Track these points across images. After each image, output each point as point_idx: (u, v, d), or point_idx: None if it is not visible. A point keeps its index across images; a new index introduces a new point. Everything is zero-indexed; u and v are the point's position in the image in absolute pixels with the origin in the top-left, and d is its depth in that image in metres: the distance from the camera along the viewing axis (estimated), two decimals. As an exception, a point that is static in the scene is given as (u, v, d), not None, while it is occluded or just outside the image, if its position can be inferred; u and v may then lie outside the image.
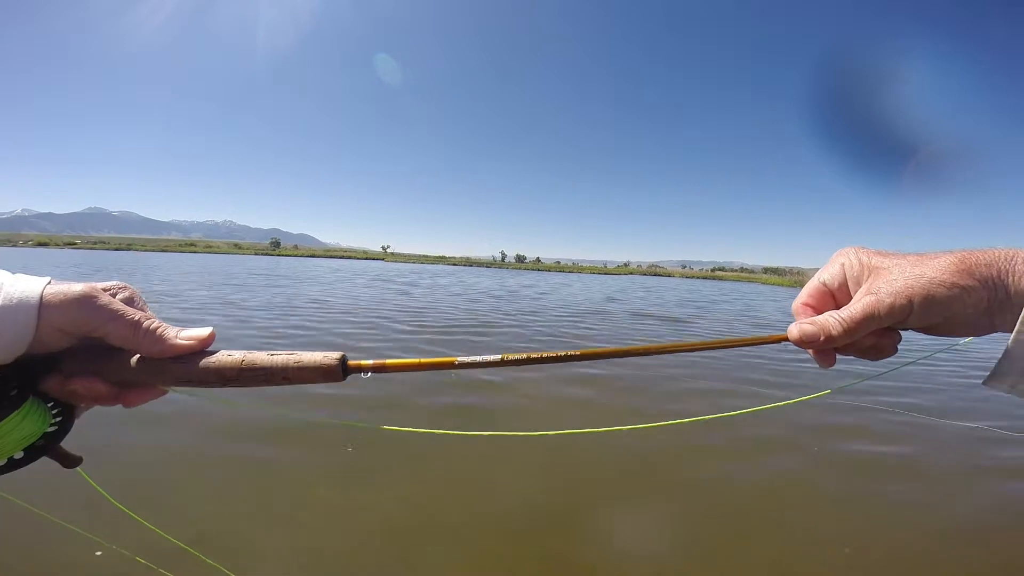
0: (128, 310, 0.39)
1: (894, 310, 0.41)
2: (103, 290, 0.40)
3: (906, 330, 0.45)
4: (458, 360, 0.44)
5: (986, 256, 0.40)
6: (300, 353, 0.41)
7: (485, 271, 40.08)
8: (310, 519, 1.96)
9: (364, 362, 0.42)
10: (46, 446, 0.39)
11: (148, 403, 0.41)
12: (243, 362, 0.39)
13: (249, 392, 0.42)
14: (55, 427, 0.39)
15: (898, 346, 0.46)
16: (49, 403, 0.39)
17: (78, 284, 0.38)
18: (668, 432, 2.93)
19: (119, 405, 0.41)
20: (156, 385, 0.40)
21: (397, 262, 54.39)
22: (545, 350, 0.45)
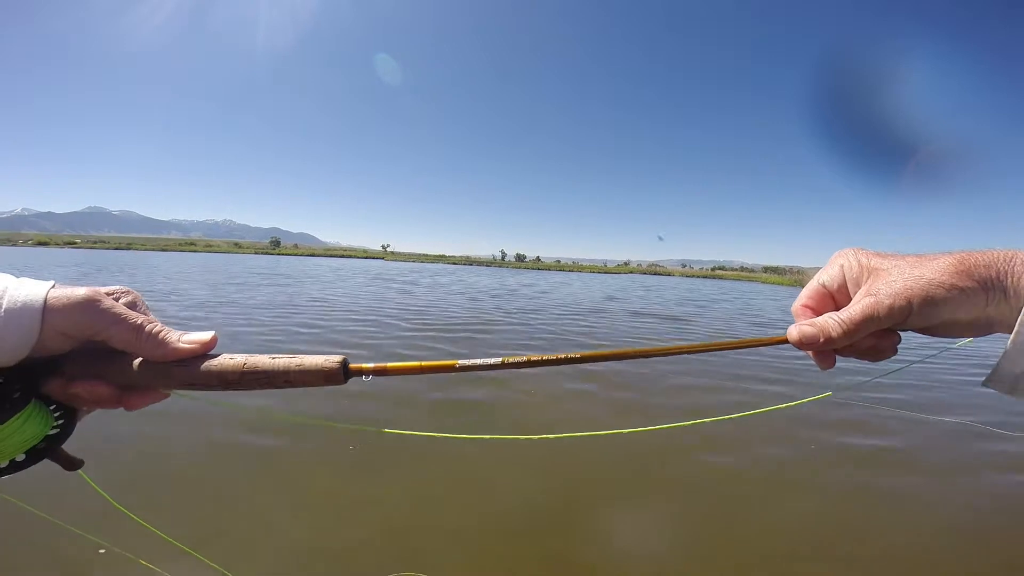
0: (131, 314, 0.39)
1: (893, 311, 0.42)
2: (106, 294, 0.40)
3: (905, 331, 0.45)
4: (459, 363, 0.44)
5: (985, 257, 0.40)
6: (302, 356, 0.41)
7: (485, 270, 40.06)
8: (310, 520, 1.97)
9: (365, 365, 0.42)
10: (48, 448, 0.39)
11: (150, 405, 0.42)
12: (245, 365, 0.39)
13: (251, 392, 0.42)
14: (57, 430, 0.39)
15: (897, 347, 0.46)
16: (51, 406, 0.39)
17: (81, 288, 0.38)
18: (668, 434, 2.93)
19: (121, 408, 0.41)
20: (158, 388, 0.40)
21: (397, 261, 54.37)
22: (545, 352, 0.45)
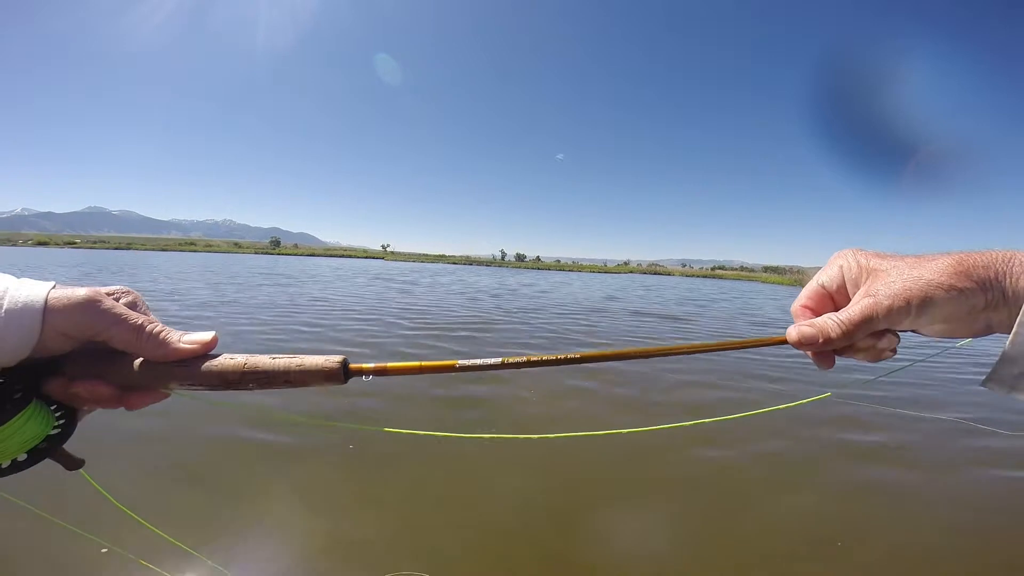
0: (131, 314, 0.39)
1: (892, 312, 0.42)
2: (107, 294, 0.40)
3: (904, 332, 0.45)
4: (459, 363, 0.44)
5: (984, 258, 0.40)
6: (302, 356, 0.41)
7: (485, 270, 40.06)
8: (310, 519, 1.97)
9: (365, 365, 0.42)
10: (49, 448, 0.39)
11: (151, 406, 0.42)
12: (245, 365, 0.40)
13: (251, 392, 0.42)
14: (58, 430, 0.39)
15: (897, 348, 0.46)
16: (52, 406, 0.39)
17: (82, 288, 0.38)
18: (667, 434, 2.93)
19: (122, 408, 0.41)
20: (159, 388, 0.41)
21: (397, 261, 54.37)
22: (544, 353, 0.45)
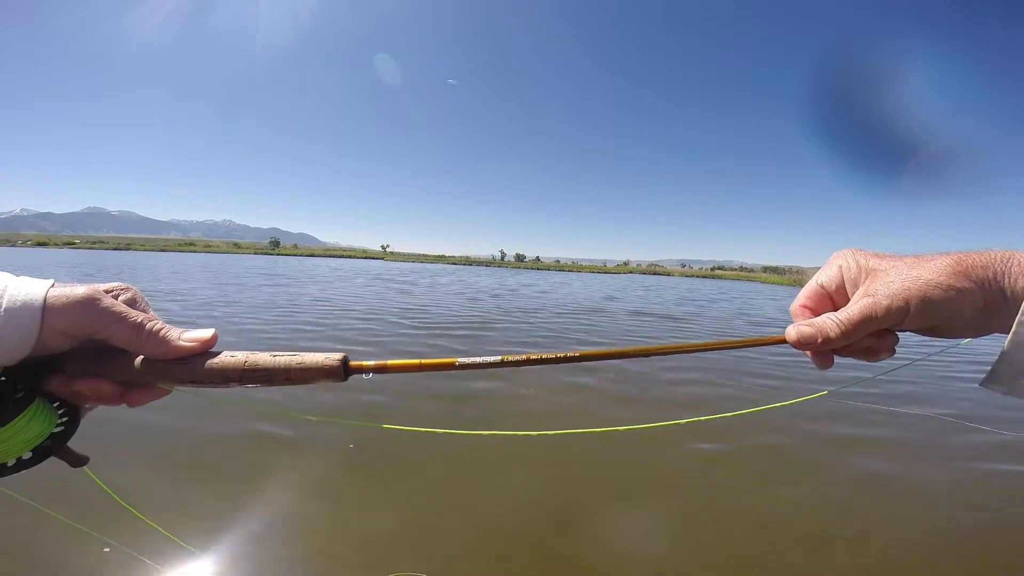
0: (131, 312, 0.39)
1: (891, 312, 0.42)
2: (105, 292, 0.40)
3: (903, 332, 0.45)
4: (458, 361, 0.44)
5: (982, 258, 0.40)
6: (302, 354, 0.41)
7: (485, 270, 40.04)
8: (311, 518, 1.97)
9: (366, 363, 0.42)
10: (53, 446, 0.39)
11: (152, 403, 0.42)
12: (246, 363, 0.40)
13: (252, 389, 0.42)
14: (61, 427, 0.40)
15: (895, 347, 0.47)
16: (55, 403, 0.39)
17: (81, 287, 0.38)
18: (667, 432, 2.94)
19: (124, 405, 0.41)
20: (160, 385, 0.41)
21: (397, 261, 54.33)
22: (544, 351, 0.45)
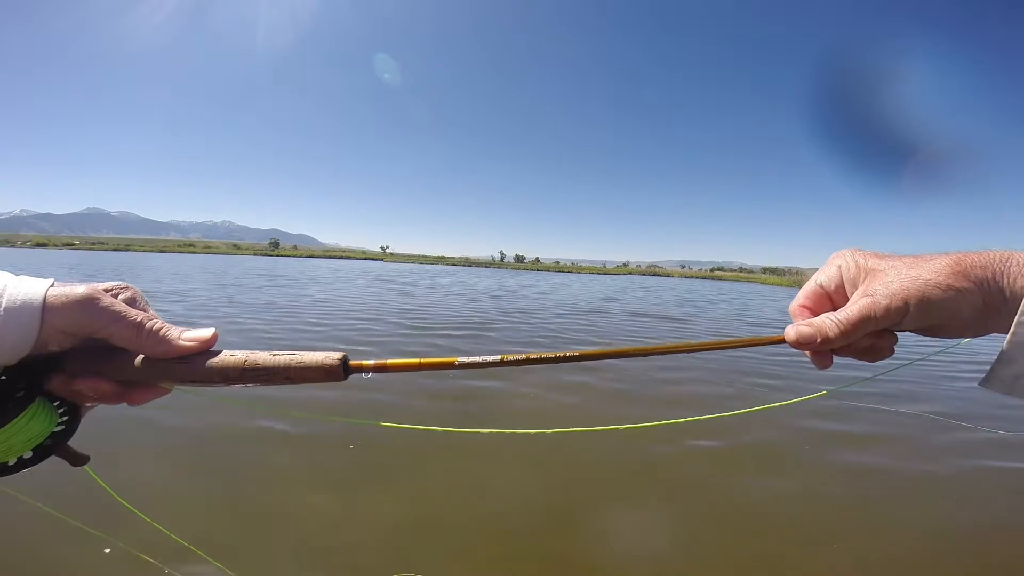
0: (131, 311, 0.39)
1: (890, 312, 0.42)
2: (105, 291, 0.40)
3: (902, 331, 0.46)
4: (458, 361, 0.44)
5: (981, 258, 0.40)
6: (302, 353, 0.41)
7: (484, 271, 40.05)
8: (311, 518, 1.96)
9: (365, 362, 0.42)
10: (54, 445, 0.39)
11: (153, 402, 0.42)
12: (246, 362, 0.40)
13: (252, 391, 0.42)
14: (62, 426, 0.40)
15: (894, 347, 0.47)
16: (55, 403, 0.39)
17: (80, 286, 0.38)
18: (666, 432, 2.94)
19: (124, 404, 0.41)
20: (160, 384, 0.41)
21: (397, 262, 54.35)
22: (544, 351, 0.45)
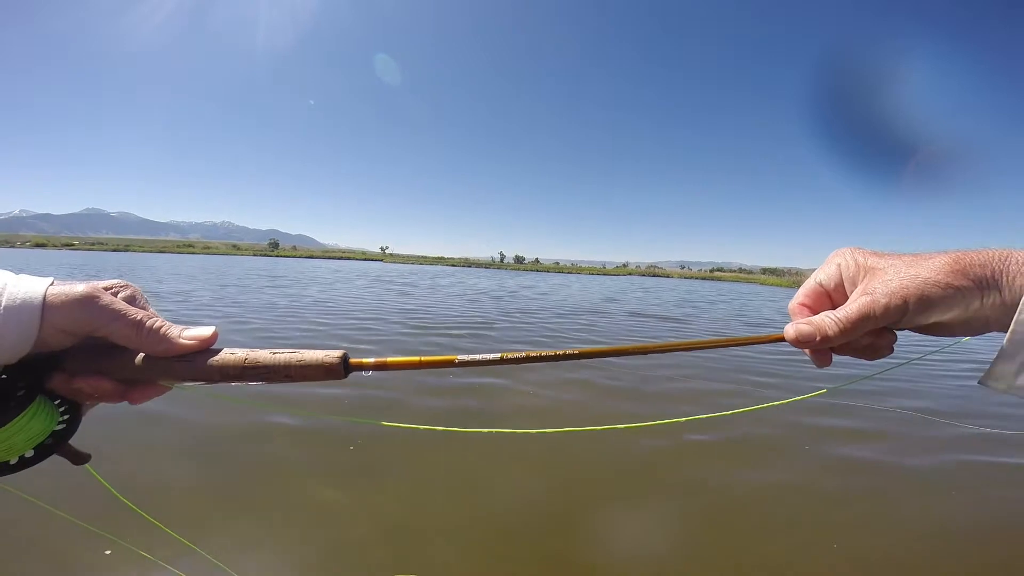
0: (131, 310, 0.39)
1: (889, 310, 0.42)
2: (105, 289, 0.40)
3: (902, 330, 0.46)
4: (458, 359, 0.44)
5: (980, 256, 0.40)
6: (302, 351, 0.41)
7: (484, 272, 40.04)
8: (312, 518, 1.96)
9: (366, 360, 0.42)
10: (55, 444, 0.39)
11: (153, 400, 0.42)
12: (246, 360, 0.40)
13: (252, 391, 0.42)
14: (63, 425, 0.40)
15: (894, 346, 0.47)
16: (56, 401, 0.39)
17: (80, 284, 0.38)
18: (666, 431, 2.94)
19: (125, 402, 0.41)
20: (160, 382, 0.41)
21: (396, 263, 54.34)
22: (544, 349, 0.45)
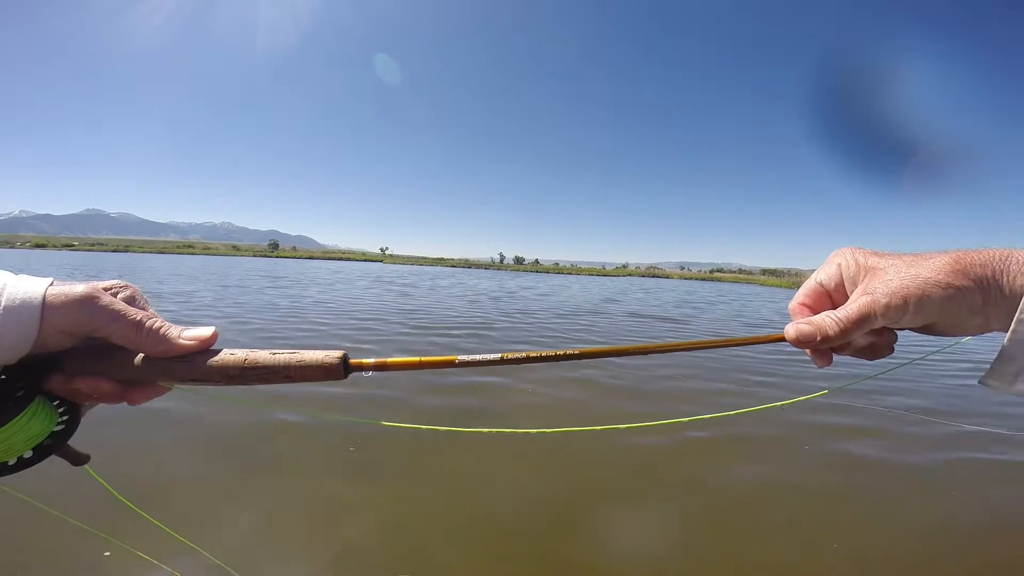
0: (130, 310, 0.39)
1: (890, 310, 0.42)
2: (105, 289, 0.40)
3: (902, 330, 0.46)
4: (458, 359, 0.44)
5: (981, 256, 0.40)
6: (302, 352, 0.41)
7: (484, 273, 40.05)
8: (312, 518, 1.96)
9: (366, 361, 0.42)
10: (54, 444, 0.39)
11: (153, 401, 0.42)
12: (246, 361, 0.39)
13: (252, 391, 0.42)
14: (62, 426, 0.39)
15: (894, 346, 0.47)
16: (55, 402, 0.39)
17: (80, 284, 0.38)
18: (666, 431, 2.94)
19: (124, 403, 0.41)
20: (160, 383, 0.40)
21: (396, 264, 54.33)
22: (544, 349, 0.45)
